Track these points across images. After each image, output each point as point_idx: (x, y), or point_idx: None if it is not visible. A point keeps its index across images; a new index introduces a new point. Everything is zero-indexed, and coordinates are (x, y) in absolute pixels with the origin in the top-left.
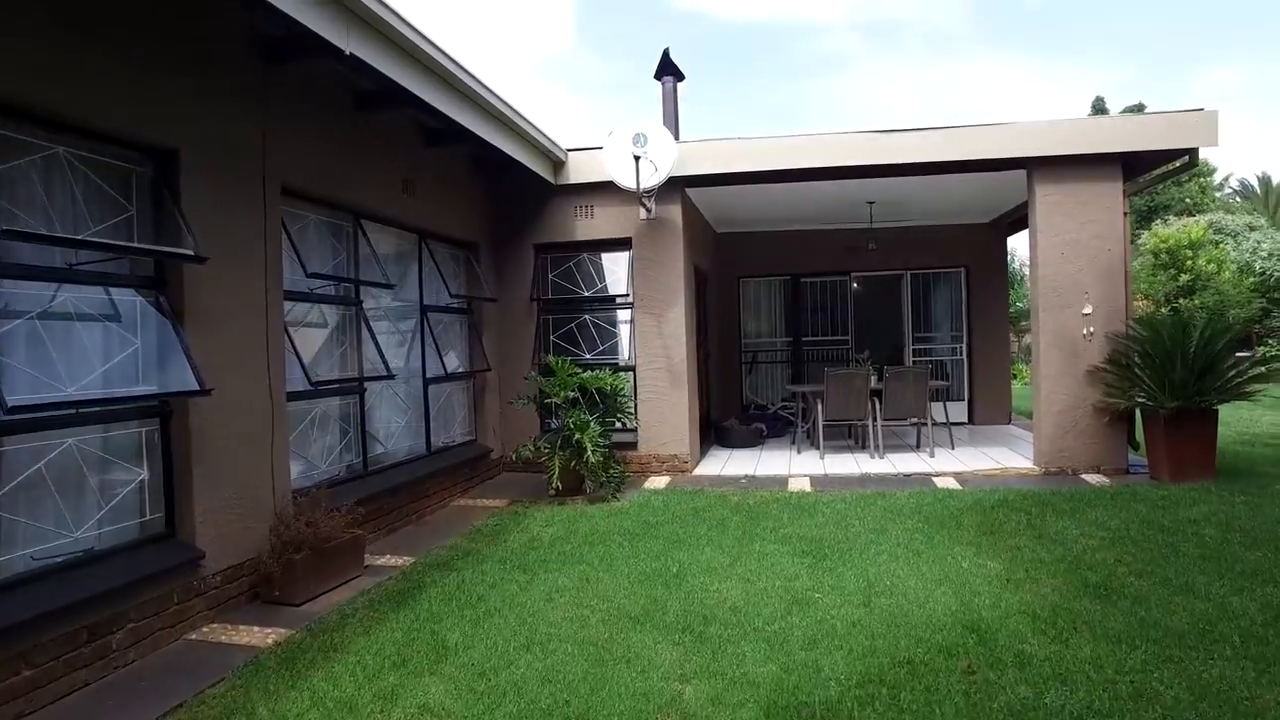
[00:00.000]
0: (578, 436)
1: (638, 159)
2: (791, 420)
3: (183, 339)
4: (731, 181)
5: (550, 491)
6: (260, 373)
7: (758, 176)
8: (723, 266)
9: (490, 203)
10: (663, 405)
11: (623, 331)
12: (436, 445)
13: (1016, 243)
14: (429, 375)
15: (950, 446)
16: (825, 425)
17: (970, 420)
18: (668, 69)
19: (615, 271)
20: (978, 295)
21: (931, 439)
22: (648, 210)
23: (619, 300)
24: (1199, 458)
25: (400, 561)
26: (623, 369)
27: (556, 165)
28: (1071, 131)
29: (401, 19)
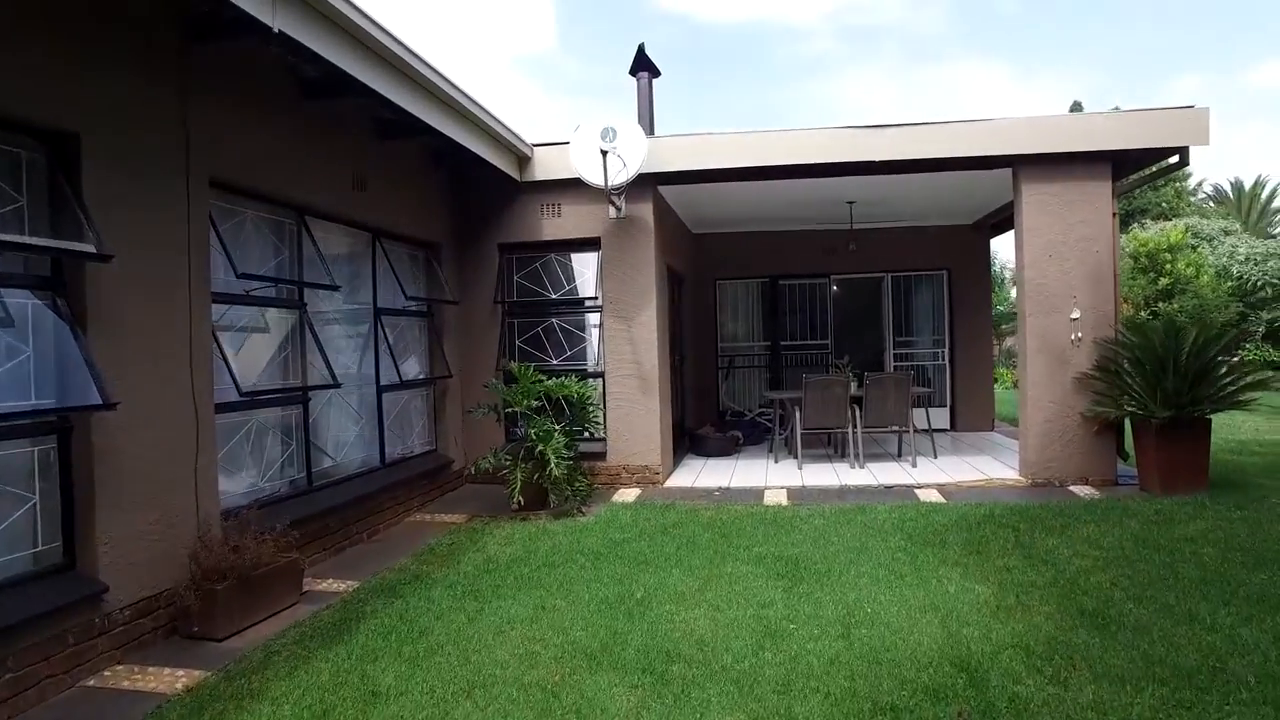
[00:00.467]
0: (541, 448)
1: (605, 154)
2: (769, 428)
3: (84, 346)
4: (706, 179)
5: (512, 506)
6: (182, 383)
7: (734, 174)
8: (699, 268)
9: (452, 200)
10: (633, 414)
11: (592, 336)
12: (392, 457)
13: (998, 245)
14: (383, 382)
15: (933, 455)
16: (803, 434)
17: (952, 427)
18: (643, 65)
19: (584, 273)
20: (960, 298)
21: (914, 448)
22: (617, 209)
23: (588, 303)
24: (1191, 469)
25: (343, 587)
26: (591, 375)
27: (522, 161)
28: (1059, 129)
29: None
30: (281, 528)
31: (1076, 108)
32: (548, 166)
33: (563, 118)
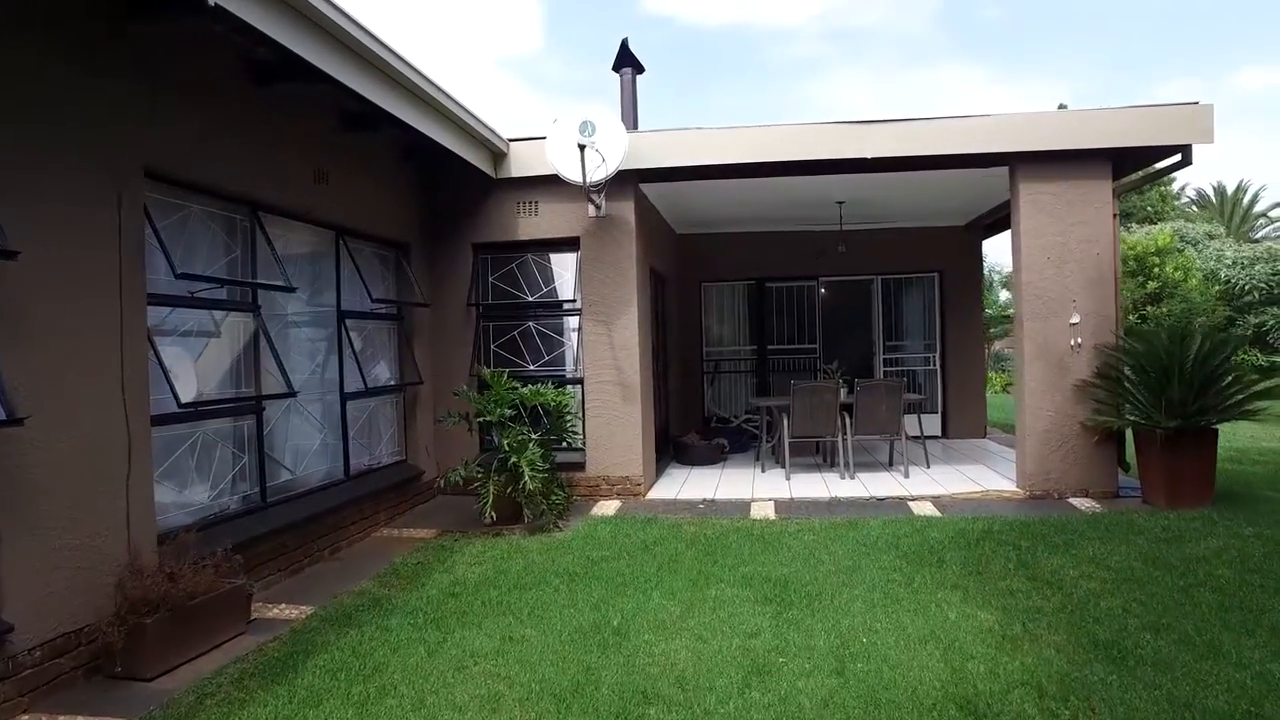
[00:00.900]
0: (514, 460)
1: (583, 149)
2: (756, 434)
3: None
4: (690, 177)
5: (485, 521)
6: (111, 394)
7: (719, 171)
8: (683, 270)
9: (423, 198)
10: (613, 422)
11: (571, 341)
12: (357, 469)
13: (987, 246)
14: (348, 390)
15: (925, 465)
16: (792, 442)
17: (944, 434)
18: (626, 60)
19: (563, 275)
20: (952, 302)
21: (905, 457)
22: (597, 207)
23: (566, 306)
24: (1197, 482)
25: (295, 613)
26: (570, 382)
27: (497, 157)
28: (1059, 125)
29: None
30: (225, 550)
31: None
32: (524, 163)
33: (545, 117)
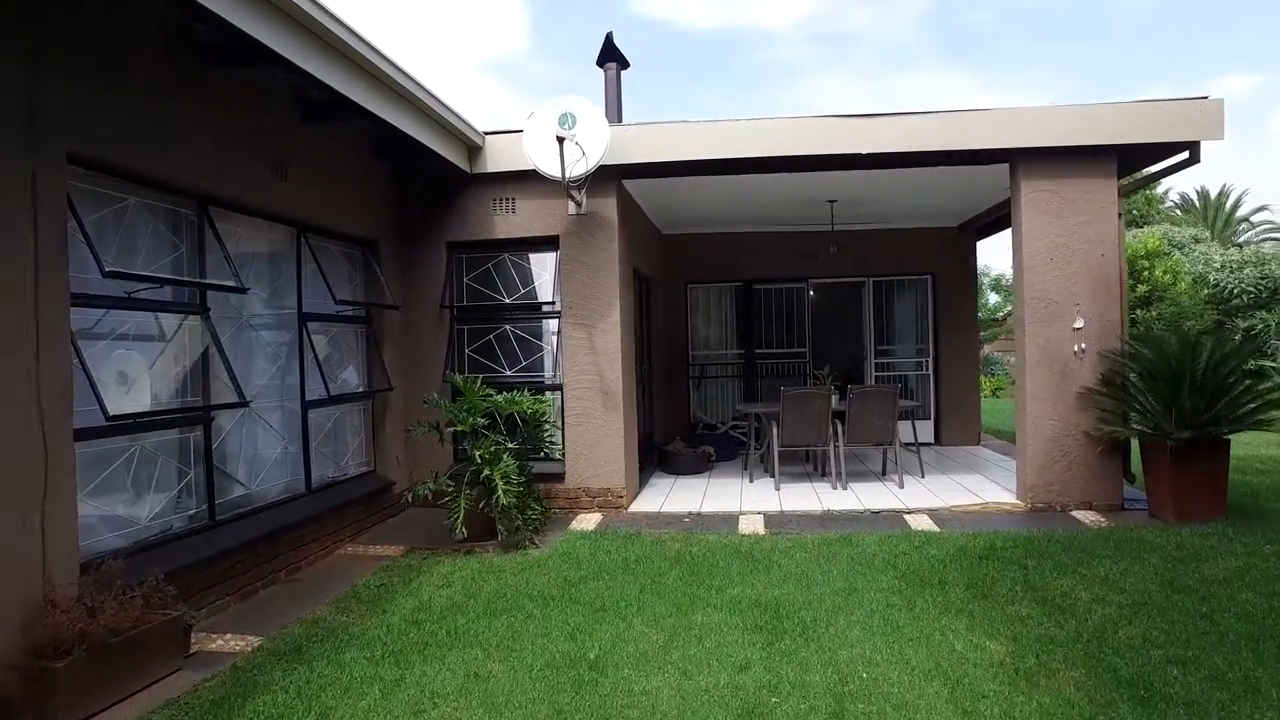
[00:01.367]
0: (487, 472)
1: (562, 141)
2: (744, 441)
3: None
4: (676, 173)
5: (457, 537)
6: (23, 405)
7: (707, 167)
8: (668, 271)
9: (394, 194)
10: (594, 430)
11: (550, 345)
12: (321, 481)
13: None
14: (310, 398)
15: (920, 474)
16: (781, 450)
17: (937, 441)
18: (611, 55)
19: (541, 275)
20: (945, 305)
21: (900, 466)
22: (577, 204)
23: (545, 308)
24: (1208, 495)
25: (241, 645)
26: (549, 388)
27: (472, 151)
28: (1063, 119)
29: None
30: (156, 578)
31: None
32: (501, 157)
33: (527, 115)
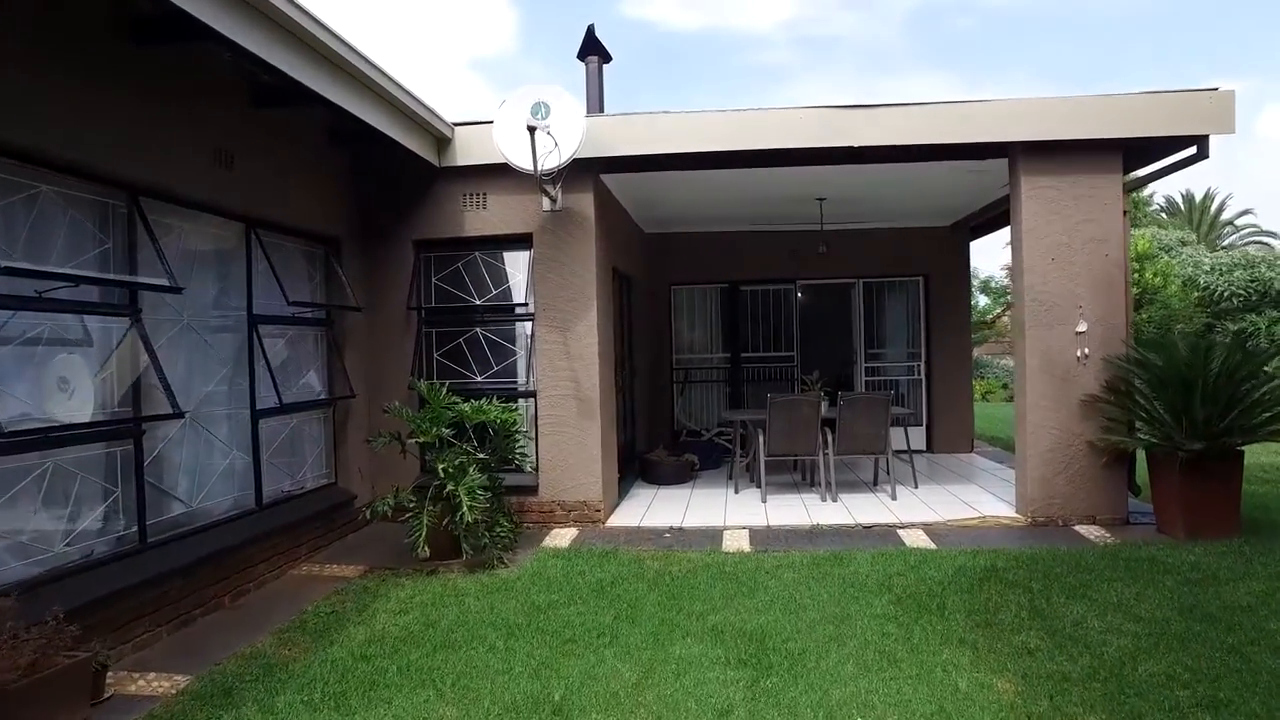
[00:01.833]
0: (450, 487)
1: (533, 131)
2: (729, 449)
3: None
4: (658, 167)
5: (419, 556)
6: None
7: (690, 161)
8: (651, 272)
9: (357, 188)
10: (569, 440)
11: (524, 349)
12: (273, 495)
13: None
14: (261, 406)
15: (913, 485)
16: (768, 460)
17: (929, 448)
18: (592, 48)
19: (515, 275)
20: (937, 307)
21: (892, 476)
22: (552, 200)
23: (519, 310)
24: (1220, 510)
25: (165, 686)
26: (523, 395)
27: (440, 143)
28: (1066, 111)
29: None
30: (56, 615)
31: None
32: (471, 150)
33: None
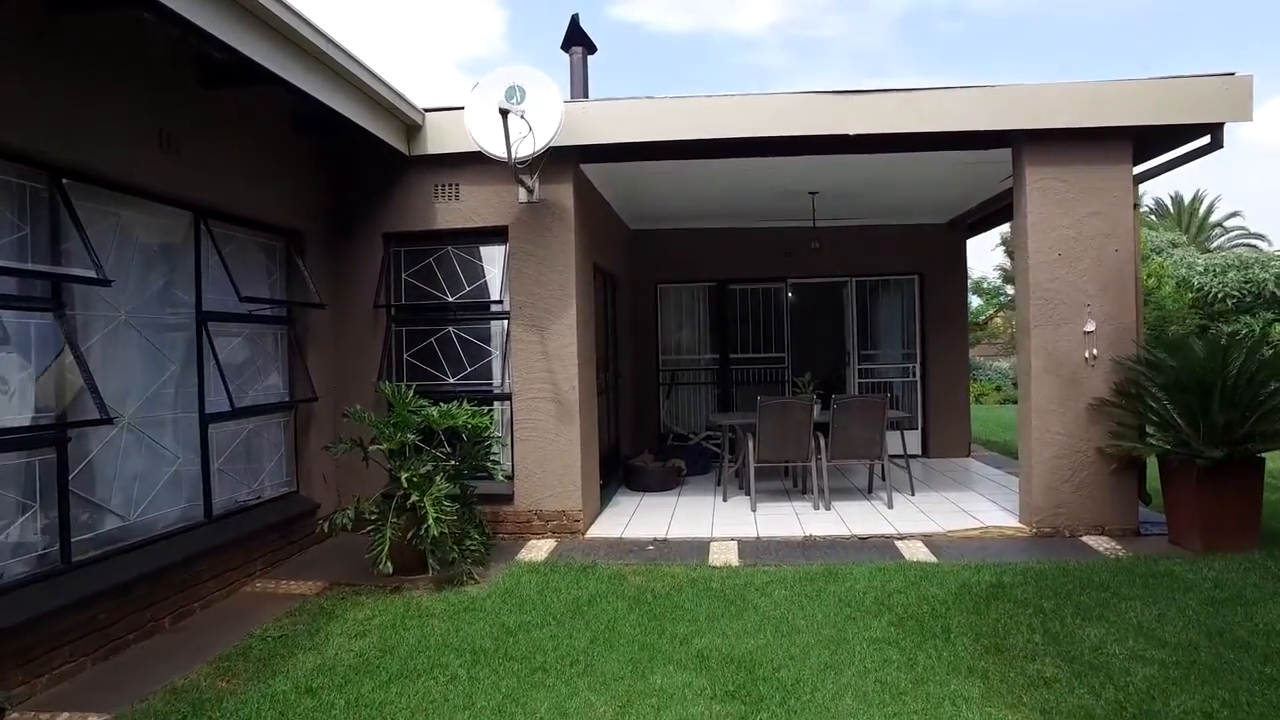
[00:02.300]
0: (415, 498)
1: (505, 114)
2: (717, 453)
3: None
4: (642, 155)
5: (383, 571)
6: None
7: (676, 149)
8: (637, 270)
9: (322, 178)
10: (547, 446)
11: (499, 349)
12: (227, 506)
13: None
14: (210, 410)
15: (910, 492)
16: (758, 466)
17: (924, 453)
18: (576, 39)
19: (489, 270)
20: (933, 307)
21: (889, 484)
22: (528, 190)
23: (494, 308)
24: (1241, 521)
25: None
26: (498, 398)
27: (410, 130)
28: (1073, 98)
29: None
30: None
31: None
32: (443, 137)
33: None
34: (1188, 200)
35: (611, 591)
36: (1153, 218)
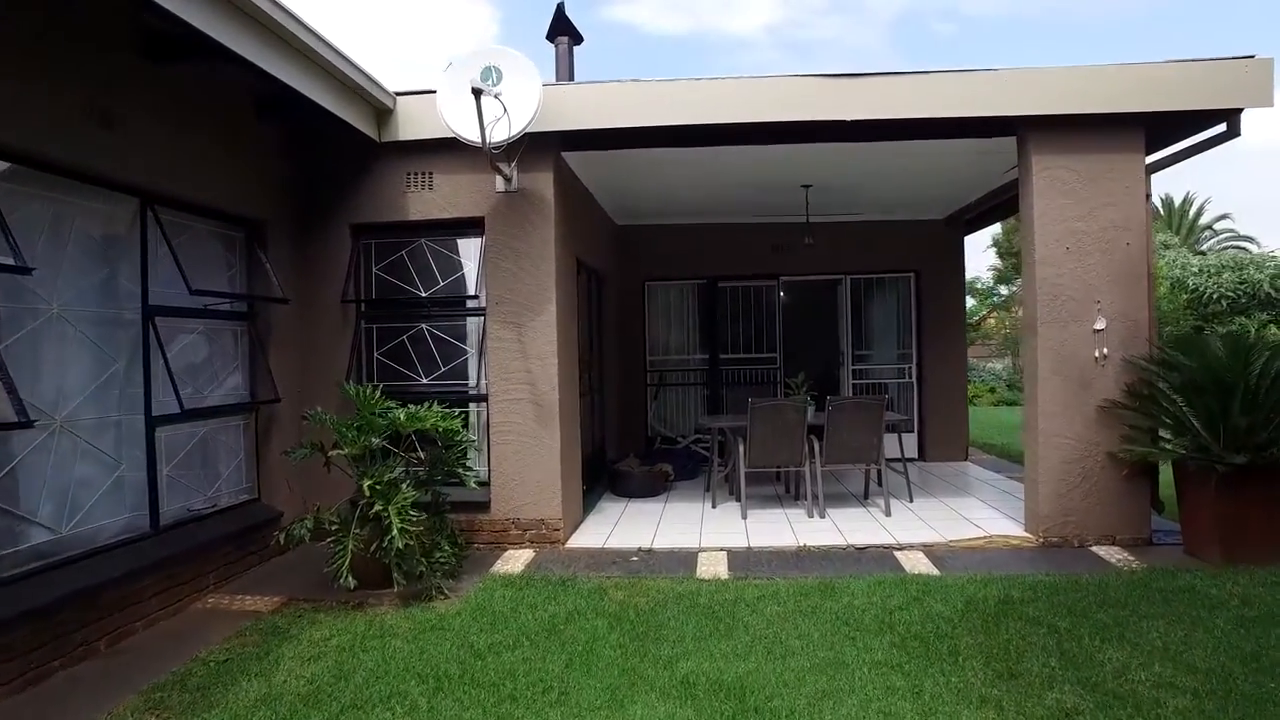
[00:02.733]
0: (379, 507)
1: (479, 94)
2: (707, 457)
3: None
4: (627, 142)
5: (345, 586)
6: None
7: (663, 135)
8: (624, 267)
9: (287, 165)
10: (525, 450)
11: (475, 348)
12: (176, 516)
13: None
14: (158, 412)
15: (908, 498)
16: (749, 471)
17: (920, 456)
18: (562, 28)
19: (466, 264)
20: (930, 306)
21: (885, 488)
22: (506, 178)
23: (470, 304)
24: (1265, 531)
25: None
26: (475, 399)
27: (381, 115)
28: (1082, 82)
29: None
30: None
31: None
32: (416, 123)
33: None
34: (1178, 202)
35: (591, 608)
36: None
